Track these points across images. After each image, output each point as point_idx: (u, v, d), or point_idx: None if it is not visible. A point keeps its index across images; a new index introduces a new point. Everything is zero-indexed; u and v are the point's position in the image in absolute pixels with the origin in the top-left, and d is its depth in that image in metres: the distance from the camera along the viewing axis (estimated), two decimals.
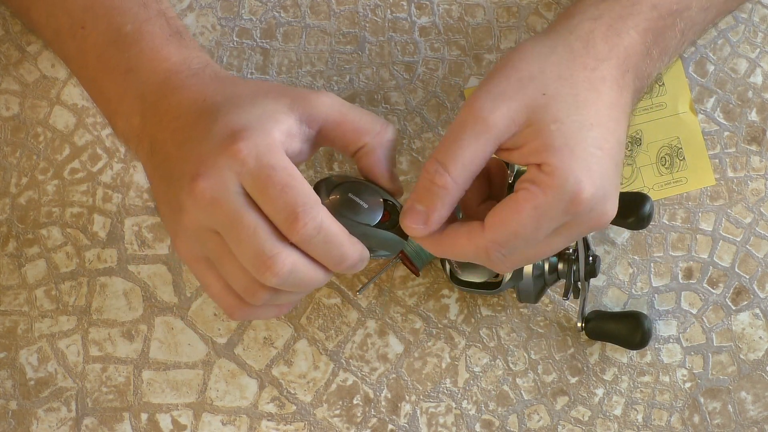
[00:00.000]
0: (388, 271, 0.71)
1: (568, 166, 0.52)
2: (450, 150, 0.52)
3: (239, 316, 0.56)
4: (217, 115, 0.53)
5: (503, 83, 0.53)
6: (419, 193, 0.53)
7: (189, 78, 0.57)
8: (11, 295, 0.71)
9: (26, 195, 0.72)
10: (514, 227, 0.52)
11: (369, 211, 0.55)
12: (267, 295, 0.53)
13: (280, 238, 0.51)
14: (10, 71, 0.74)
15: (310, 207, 0.51)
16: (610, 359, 0.70)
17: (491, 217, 0.53)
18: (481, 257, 0.54)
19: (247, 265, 0.52)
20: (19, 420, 0.70)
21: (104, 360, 0.71)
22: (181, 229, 0.53)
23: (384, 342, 0.71)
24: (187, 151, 0.53)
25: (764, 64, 0.75)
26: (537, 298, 0.67)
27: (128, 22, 0.58)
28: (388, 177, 0.57)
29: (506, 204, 0.53)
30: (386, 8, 0.76)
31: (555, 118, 0.53)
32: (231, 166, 0.50)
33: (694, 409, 0.70)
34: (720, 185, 0.73)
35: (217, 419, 0.70)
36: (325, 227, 0.51)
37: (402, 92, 0.74)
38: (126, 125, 0.58)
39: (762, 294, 0.71)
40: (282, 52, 0.75)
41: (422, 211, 0.53)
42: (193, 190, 0.51)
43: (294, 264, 0.51)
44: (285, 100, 0.54)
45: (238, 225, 0.51)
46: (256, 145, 0.51)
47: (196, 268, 0.55)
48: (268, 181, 0.50)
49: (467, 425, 0.70)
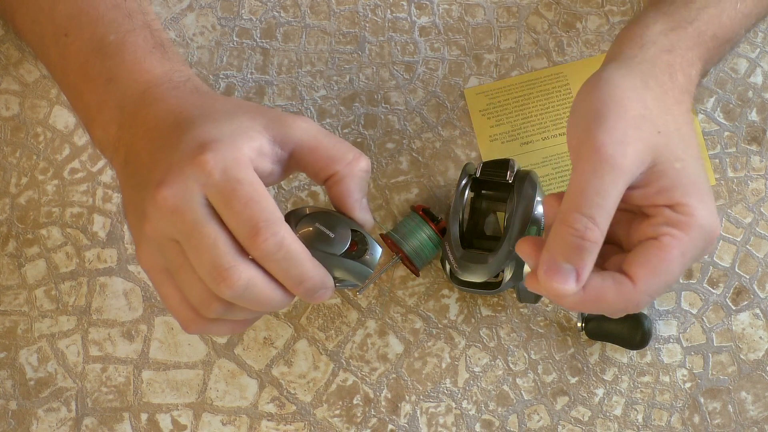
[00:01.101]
0: (388, 271, 0.71)
1: (703, 204, 0.52)
2: (594, 202, 0.51)
3: (194, 330, 0.55)
4: (190, 127, 0.53)
5: (622, 125, 0.52)
6: (566, 250, 0.51)
7: (169, 91, 0.56)
8: (11, 295, 0.71)
9: (26, 195, 0.72)
10: (666, 277, 0.52)
11: (336, 241, 0.55)
12: (221, 309, 0.53)
13: (239, 252, 0.51)
14: (10, 71, 0.74)
15: (272, 222, 0.50)
16: (610, 359, 0.70)
17: (641, 269, 0.52)
18: (630, 308, 0.53)
19: (204, 275, 0.51)
20: (19, 420, 0.70)
21: (104, 360, 0.71)
22: (144, 237, 0.53)
23: (384, 342, 0.71)
24: (157, 160, 0.53)
25: (764, 64, 0.75)
26: (537, 298, 0.67)
27: (112, 32, 0.58)
28: (356, 208, 0.56)
29: (653, 253, 0.52)
30: (386, 8, 0.76)
31: (676, 157, 0.53)
32: (196, 176, 0.50)
33: (694, 409, 0.70)
34: (720, 185, 0.73)
35: (217, 419, 0.70)
36: (286, 244, 0.51)
37: (402, 92, 0.74)
38: (103, 134, 0.57)
39: (762, 294, 0.71)
40: (282, 52, 0.75)
41: (571, 270, 0.51)
42: (156, 197, 0.50)
43: (250, 279, 0.51)
44: (261, 119, 0.54)
45: (198, 235, 0.50)
46: (224, 158, 0.50)
47: (155, 278, 0.54)
48: (233, 194, 0.50)
49: (467, 425, 0.70)
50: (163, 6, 0.76)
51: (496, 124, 0.74)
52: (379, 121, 0.74)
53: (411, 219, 0.69)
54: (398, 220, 0.72)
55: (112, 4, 0.60)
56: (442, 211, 0.72)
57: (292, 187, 0.73)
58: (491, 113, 0.74)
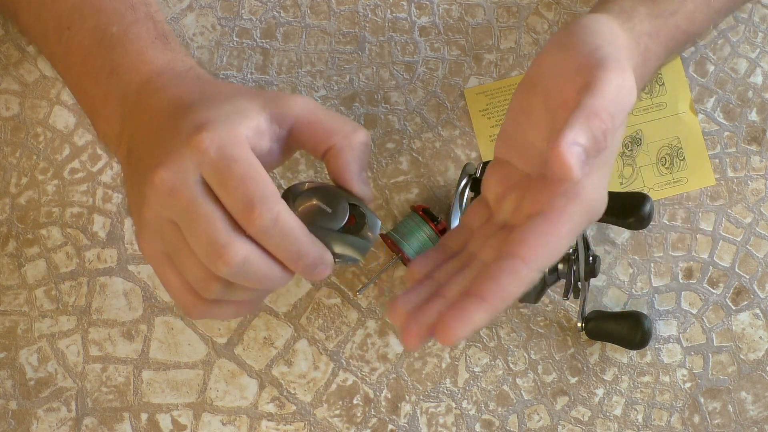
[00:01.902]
0: (388, 271, 0.71)
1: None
2: (616, 113, 0.51)
3: (197, 314, 0.55)
4: (188, 111, 0.53)
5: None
6: (591, 141, 0.49)
7: (171, 80, 0.57)
8: (11, 295, 0.71)
9: (26, 195, 0.72)
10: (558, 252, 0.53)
11: (333, 216, 0.54)
12: (220, 288, 0.52)
13: (235, 229, 0.51)
14: (10, 71, 0.74)
15: (267, 198, 0.50)
16: (610, 359, 0.70)
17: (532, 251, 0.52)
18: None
19: (201, 254, 0.51)
20: (19, 420, 0.70)
21: (104, 360, 0.71)
22: (144, 223, 0.53)
23: (384, 342, 0.71)
24: (157, 147, 0.53)
25: (764, 64, 0.75)
26: (537, 298, 0.67)
27: (114, 24, 0.58)
28: (354, 180, 0.55)
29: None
30: (386, 8, 0.76)
31: None
32: (192, 156, 0.50)
33: (694, 409, 0.70)
34: (720, 185, 0.73)
35: (217, 419, 0.70)
36: (282, 220, 0.50)
37: (402, 92, 0.74)
38: (107, 127, 0.58)
39: (762, 294, 0.71)
40: (282, 52, 0.75)
41: (584, 157, 0.50)
42: (153, 180, 0.51)
43: (247, 255, 0.51)
44: (258, 100, 0.54)
45: (194, 213, 0.50)
46: (219, 136, 0.50)
47: (156, 264, 0.54)
48: (228, 171, 0.50)
49: (467, 425, 0.70)
50: (163, 6, 0.76)
51: (496, 124, 0.74)
52: (379, 121, 0.74)
53: (411, 219, 0.69)
54: (398, 220, 0.72)
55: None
56: (442, 211, 0.72)
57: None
58: (491, 113, 0.74)
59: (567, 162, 0.47)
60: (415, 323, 0.49)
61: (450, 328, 0.48)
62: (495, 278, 0.48)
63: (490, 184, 0.56)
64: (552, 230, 0.50)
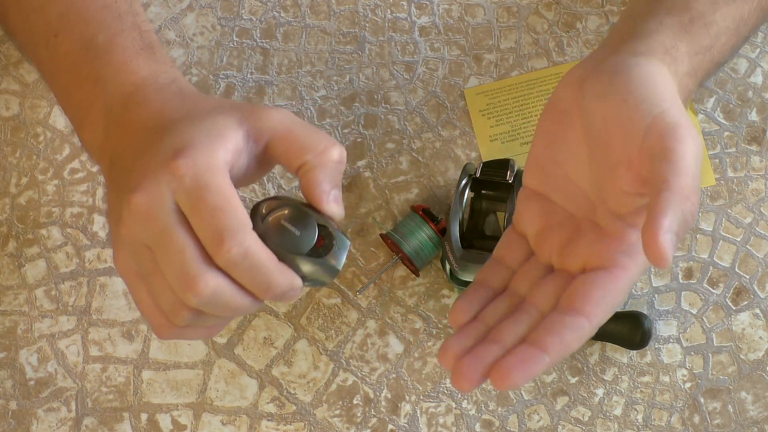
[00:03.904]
0: (388, 271, 0.71)
1: None
2: (695, 186, 0.51)
3: (167, 336, 0.55)
4: (168, 131, 0.53)
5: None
6: (680, 224, 0.48)
7: (153, 93, 0.56)
8: (11, 295, 0.71)
9: (26, 195, 0.72)
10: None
11: (301, 239, 0.53)
12: (190, 316, 0.52)
13: (206, 260, 0.50)
14: (10, 71, 0.74)
15: (236, 232, 0.50)
16: (610, 359, 0.70)
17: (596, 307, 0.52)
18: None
19: (172, 283, 0.51)
20: (19, 420, 0.70)
21: (104, 360, 0.71)
22: (119, 241, 0.53)
23: (384, 342, 0.71)
24: (136, 165, 0.53)
25: (764, 64, 0.75)
26: None
27: (101, 33, 0.58)
28: (323, 200, 0.54)
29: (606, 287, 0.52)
30: (386, 8, 0.76)
31: None
32: (168, 182, 0.50)
33: (694, 409, 0.70)
34: (720, 185, 0.73)
35: (217, 419, 0.70)
36: (251, 253, 0.50)
37: (402, 92, 0.74)
38: (91, 136, 0.58)
39: (762, 294, 0.71)
40: (282, 52, 0.75)
41: (675, 241, 0.49)
42: (130, 202, 0.51)
43: (217, 287, 0.50)
44: (236, 114, 0.53)
45: (167, 241, 0.50)
46: (195, 163, 0.50)
47: (130, 282, 0.54)
48: (201, 201, 0.50)
49: (467, 425, 0.70)
50: (163, 6, 0.76)
51: (496, 124, 0.74)
52: (379, 121, 0.74)
53: (411, 219, 0.69)
54: (398, 220, 0.72)
55: (103, 5, 0.60)
56: (442, 211, 0.72)
57: (293, 187, 0.73)
58: (491, 113, 0.74)
59: (665, 253, 0.47)
60: (468, 367, 0.49)
61: (510, 375, 0.48)
62: (558, 333, 0.49)
63: (527, 217, 0.55)
64: (615, 287, 0.50)
